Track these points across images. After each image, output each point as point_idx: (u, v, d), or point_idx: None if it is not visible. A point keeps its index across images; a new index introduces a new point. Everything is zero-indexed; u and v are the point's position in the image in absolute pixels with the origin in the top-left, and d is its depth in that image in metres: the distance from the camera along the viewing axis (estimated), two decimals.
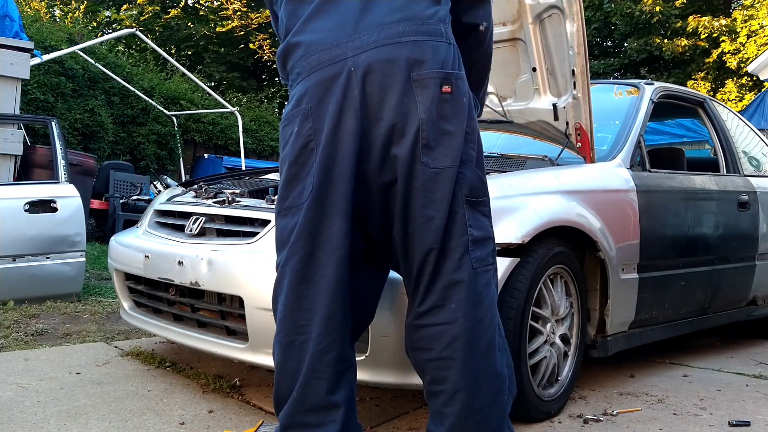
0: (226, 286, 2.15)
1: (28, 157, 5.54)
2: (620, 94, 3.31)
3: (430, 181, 1.54)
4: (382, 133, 1.54)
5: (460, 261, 1.57)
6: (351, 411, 1.63)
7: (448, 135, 1.55)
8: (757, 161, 3.78)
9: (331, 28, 1.58)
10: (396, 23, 1.55)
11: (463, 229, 1.58)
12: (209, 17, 15.72)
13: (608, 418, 2.29)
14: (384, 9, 1.57)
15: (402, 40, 1.54)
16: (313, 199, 1.55)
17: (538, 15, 2.62)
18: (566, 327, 2.36)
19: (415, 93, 1.53)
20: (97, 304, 3.97)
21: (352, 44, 1.55)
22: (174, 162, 10.17)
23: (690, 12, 13.77)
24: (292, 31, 1.64)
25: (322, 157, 1.54)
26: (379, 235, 1.67)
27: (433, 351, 1.58)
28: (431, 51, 1.55)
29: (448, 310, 1.56)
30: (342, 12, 1.59)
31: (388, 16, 1.56)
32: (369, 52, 1.53)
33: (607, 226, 2.46)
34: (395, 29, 1.55)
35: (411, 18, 1.56)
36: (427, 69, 1.54)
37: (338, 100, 1.54)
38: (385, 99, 1.53)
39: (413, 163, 1.53)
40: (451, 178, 1.55)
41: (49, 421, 2.09)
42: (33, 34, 7.63)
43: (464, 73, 1.63)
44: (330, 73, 1.55)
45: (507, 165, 2.71)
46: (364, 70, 1.53)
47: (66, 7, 15.66)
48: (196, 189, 2.80)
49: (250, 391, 2.43)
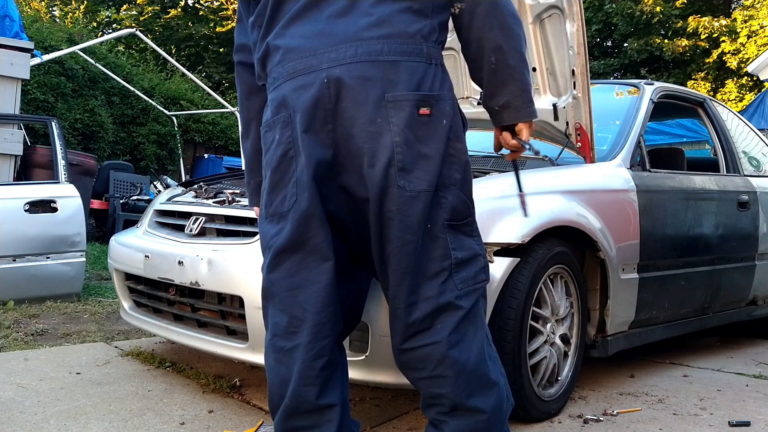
0: (226, 286, 2.15)
1: (28, 157, 5.54)
2: (620, 94, 3.31)
3: (406, 204, 1.50)
4: (354, 150, 1.51)
5: (444, 285, 1.54)
6: (345, 408, 1.63)
7: (424, 158, 1.51)
8: (757, 161, 3.78)
9: (310, 36, 1.54)
10: (375, 40, 1.50)
11: (445, 254, 1.55)
12: (209, 17, 15.72)
13: (608, 418, 2.29)
14: (365, 22, 1.52)
15: (378, 59, 1.49)
16: (295, 209, 1.54)
17: (538, 15, 2.62)
18: (566, 327, 2.36)
19: (389, 114, 1.48)
20: (97, 304, 3.97)
21: (329, 56, 1.51)
22: (174, 162, 10.17)
23: (690, 12, 13.78)
24: (273, 33, 1.60)
25: (300, 167, 1.53)
26: (360, 248, 1.67)
27: (424, 371, 1.58)
28: (408, 72, 1.50)
29: (435, 331, 1.54)
30: (324, 19, 1.54)
31: (368, 31, 1.51)
32: (344, 67, 1.49)
33: (607, 226, 2.46)
34: (373, 47, 1.50)
35: (392, 35, 1.51)
36: (402, 90, 1.49)
37: (311, 111, 1.52)
38: (356, 117, 1.49)
39: (388, 186, 1.50)
40: (427, 202, 1.51)
41: (49, 421, 2.09)
42: (33, 34, 7.64)
43: (449, 93, 1.56)
44: (304, 82, 1.53)
45: (507, 165, 2.70)
46: (337, 84, 1.49)
47: (66, 7, 15.66)
48: (196, 189, 2.80)
49: (250, 391, 2.43)
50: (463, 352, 1.56)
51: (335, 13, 1.54)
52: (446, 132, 1.53)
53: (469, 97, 2.96)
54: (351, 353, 1.95)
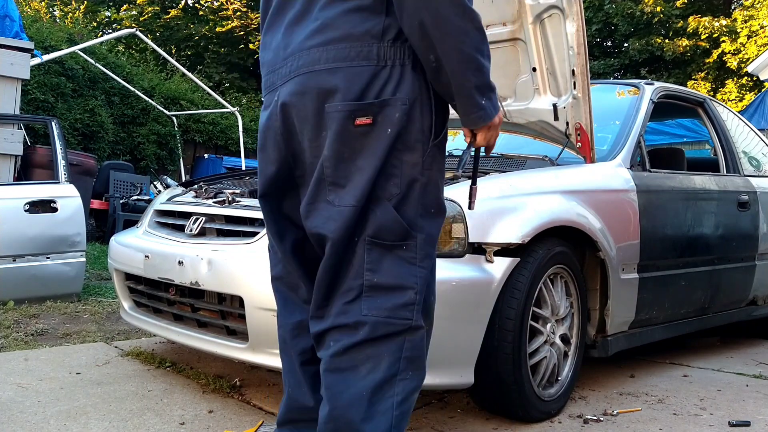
0: (226, 286, 2.15)
1: (28, 157, 5.54)
2: (620, 94, 3.31)
3: (331, 219, 1.40)
4: (307, 165, 1.46)
5: (347, 305, 1.40)
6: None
7: (359, 171, 1.37)
8: (757, 161, 3.78)
9: (274, 48, 1.50)
10: (315, 48, 1.39)
11: (358, 272, 1.40)
12: (209, 17, 15.73)
13: (608, 418, 2.29)
14: (310, 30, 1.41)
15: (315, 68, 1.39)
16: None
17: (538, 15, 2.62)
18: (566, 327, 2.36)
19: (328, 127, 1.38)
20: (97, 304, 3.97)
21: (281, 72, 1.46)
22: (174, 162, 10.17)
23: (690, 12, 13.77)
24: (261, 40, 1.59)
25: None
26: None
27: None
28: (347, 79, 1.36)
29: (326, 347, 1.43)
30: (284, 28, 1.48)
31: (311, 39, 1.40)
32: (287, 84, 1.43)
33: (607, 226, 2.46)
34: (312, 56, 1.39)
35: (332, 41, 1.38)
36: (339, 100, 1.36)
37: (264, 131, 1.53)
38: (304, 132, 1.43)
39: (316, 202, 1.42)
40: (353, 217, 1.38)
41: (49, 421, 2.09)
42: (33, 34, 7.64)
43: (405, 97, 1.37)
44: (267, 102, 1.53)
45: (507, 165, 2.71)
46: (283, 102, 1.44)
47: (66, 7, 15.67)
48: (196, 189, 2.80)
49: (250, 391, 2.43)
50: (339, 383, 1.39)
51: (292, 20, 1.46)
52: (389, 142, 1.37)
53: None
54: None
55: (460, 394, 2.38)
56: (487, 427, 2.16)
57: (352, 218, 1.38)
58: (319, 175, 1.41)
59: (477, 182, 1.65)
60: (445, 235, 2.00)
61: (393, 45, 1.39)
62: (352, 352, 1.39)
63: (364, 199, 1.38)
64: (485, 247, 2.04)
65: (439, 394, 2.42)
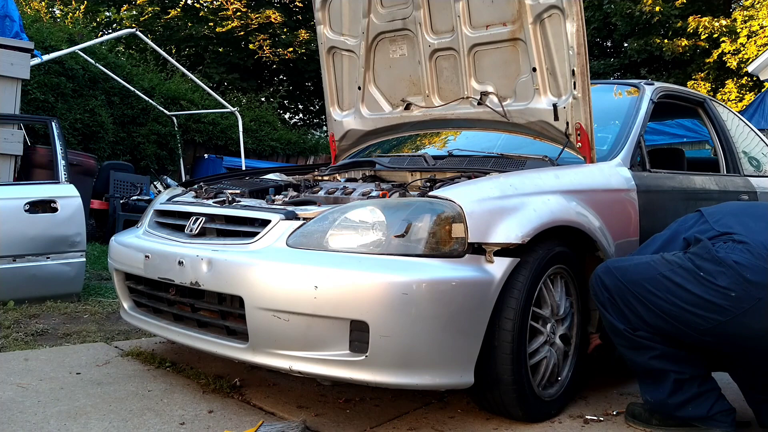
0: (226, 286, 2.15)
1: (29, 157, 5.54)
2: (620, 94, 3.31)
3: None
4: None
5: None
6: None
7: None
8: (757, 161, 3.78)
9: None
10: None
11: None
12: (209, 18, 15.72)
13: (608, 418, 2.29)
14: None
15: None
16: None
17: (538, 15, 2.63)
18: (566, 327, 2.36)
19: None
20: (97, 304, 3.97)
21: None
22: (174, 162, 10.16)
23: (690, 12, 13.76)
24: None
25: None
26: None
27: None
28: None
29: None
30: None
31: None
32: None
33: (606, 226, 2.46)
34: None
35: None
36: None
37: None
38: None
39: None
40: None
41: (49, 421, 2.09)
42: (33, 35, 7.63)
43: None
44: None
45: (507, 165, 2.71)
46: None
47: (66, 7, 15.65)
48: (197, 189, 2.80)
49: (250, 391, 2.43)
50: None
51: None
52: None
53: (469, 97, 2.96)
54: (351, 353, 1.95)
55: (460, 394, 2.38)
56: (487, 427, 2.16)
57: None
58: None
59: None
60: (445, 235, 2.00)
61: None
62: None
63: None
64: (485, 247, 2.04)
65: (439, 394, 2.42)
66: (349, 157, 3.54)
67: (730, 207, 2.29)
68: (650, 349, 2.12)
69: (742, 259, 1.95)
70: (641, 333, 2.12)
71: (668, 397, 2.10)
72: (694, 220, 2.23)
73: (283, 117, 16.61)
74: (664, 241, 2.23)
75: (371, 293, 1.90)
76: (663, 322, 2.07)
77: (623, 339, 2.16)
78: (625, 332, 2.14)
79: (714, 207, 2.29)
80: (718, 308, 1.96)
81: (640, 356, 2.15)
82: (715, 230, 2.09)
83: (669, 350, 2.11)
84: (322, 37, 3.37)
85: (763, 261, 1.94)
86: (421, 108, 3.16)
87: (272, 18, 14.87)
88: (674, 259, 2.06)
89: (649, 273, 2.08)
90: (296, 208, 2.28)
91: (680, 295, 2.01)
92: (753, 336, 1.99)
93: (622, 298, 2.13)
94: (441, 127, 3.26)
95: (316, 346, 1.98)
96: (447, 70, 3.03)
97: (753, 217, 2.14)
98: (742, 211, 2.21)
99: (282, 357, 2.03)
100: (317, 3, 3.31)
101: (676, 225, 2.29)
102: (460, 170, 2.62)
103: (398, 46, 3.14)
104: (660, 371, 2.13)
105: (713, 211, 2.23)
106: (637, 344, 2.14)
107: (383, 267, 1.96)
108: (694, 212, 2.31)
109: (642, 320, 2.10)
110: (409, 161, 3.04)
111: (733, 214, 2.17)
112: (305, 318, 1.97)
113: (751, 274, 1.92)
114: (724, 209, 2.24)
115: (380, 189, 2.46)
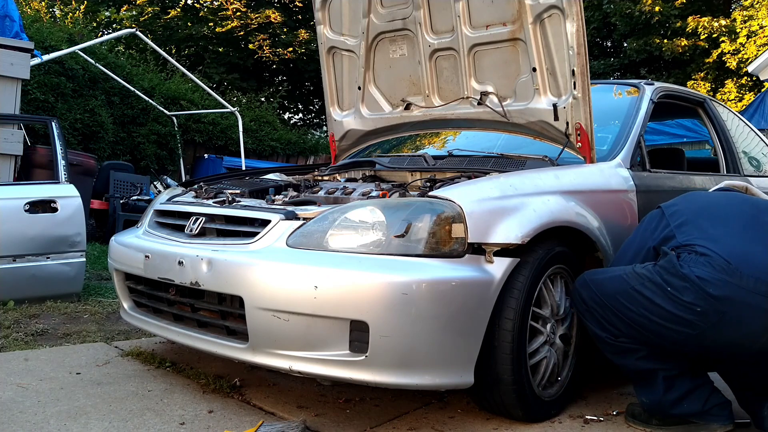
0: (226, 286, 2.15)
1: (29, 157, 5.54)
2: (620, 94, 3.31)
3: None
4: None
5: None
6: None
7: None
8: (757, 161, 3.78)
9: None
10: None
11: None
12: (209, 18, 15.72)
13: (609, 418, 2.29)
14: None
15: None
16: None
17: (538, 15, 2.63)
18: (566, 327, 2.36)
19: None
20: (97, 304, 3.97)
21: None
22: (174, 162, 10.16)
23: (690, 12, 13.75)
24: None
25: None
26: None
27: None
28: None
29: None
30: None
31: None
32: None
33: (606, 226, 2.46)
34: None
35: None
36: None
37: None
38: None
39: None
40: None
41: (49, 421, 2.09)
42: (33, 35, 7.62)
43: None
44: None
45: (507, 165, 2.71)
46: None
47: (66, 7, 15.65)
48: (197, 189, 2.80)
49: (250, 391, 2.43)
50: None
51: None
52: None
53: (469, 97, 2.96)
54: (351, 353, 1.95)
55: (460, 394, 2.38)
56: (487, 427, 2.16)
57: None
58: None
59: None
60: (445, 235, 2.00)
61: None
62: None
63: None
64: (485, 247, 2.04)
65: (439, 394, 2.42)
66: (349, 157, 3.54)
67: (691, 206, 2.23)
68: (635, 351, 2.14)
69: (704, 273, 1.95)
70: (623, 339, 2.14)
71: (663, 396, 2.11)
72: (656, 222, 2.22)
73: (282, 117, 16.60)
74: (635, 252, 2.23)
75: (371, 293, 1.90)
76: (639, 333, 2.09)
77: (607, 346, 2.19)
78: (608, 339, 2.17)
79: (675, 204, 2.25)
80: (686, 322, 1.98)
81: (626, 359, 2.17)
82: (677, 240, 2.08)
83: (654, 349, 2.12)
84: (322, 37, 3.37)
85: (724, 273, 1.94)
86: (421, 108, 3.16)
87: (272, 18, 14.87)
88: (644, 273, 2.07)
89: (622, 287, 2.09)
90: (296, 208, 2.28)
91: (651, 310, 2.03)
92: (729, 343, 2.01)
93: (599, 311, 2.15)
94: (441, 127, 3.26)
95: (316, 346, 1.98)
96: (447, 70, 3.03)
97: (713, 220, 2.12)
98: (702, 210, 2.18)
99: (282, 357, 2.03)
100: (317, 3, 3.31)
101: (642, 229, 2.28)
102: (460, 170, 2.62)
103: (398, 46, 3.14)
104: (649, 371, 2.14)
105: (673, 211, 2.21)
106: (621, 349, 2.16)
107: (383, 267, 1.96)
108: (655, 208, 2.29)
109: (620, 331, 2.13)
110: (409, 161, 3.04)
111: (694, 216, 2.14)
112: (305, 318, 1.97)
113: (713, 288, 1.93)
114: (684, 210, 2.20)
115: (380, 189, 2.46)
